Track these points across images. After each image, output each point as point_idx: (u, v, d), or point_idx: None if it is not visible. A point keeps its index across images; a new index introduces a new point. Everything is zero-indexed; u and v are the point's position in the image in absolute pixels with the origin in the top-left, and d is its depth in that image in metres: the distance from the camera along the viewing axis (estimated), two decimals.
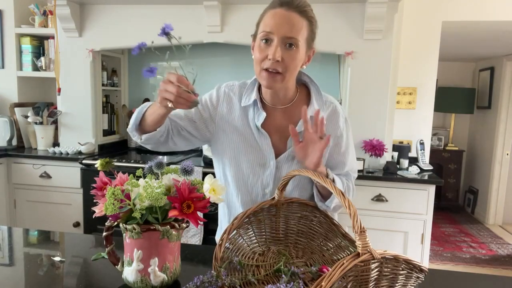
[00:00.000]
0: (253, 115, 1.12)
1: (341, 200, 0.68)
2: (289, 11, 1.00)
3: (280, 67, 1.01)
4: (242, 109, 1.14)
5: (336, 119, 1.15)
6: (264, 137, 1.11)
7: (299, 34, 1.01)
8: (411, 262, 0.69)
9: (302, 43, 1.02)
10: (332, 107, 1.16)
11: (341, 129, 1.15)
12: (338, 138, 1.15)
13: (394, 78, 2.63)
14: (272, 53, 0.99)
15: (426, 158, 2.77)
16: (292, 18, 1.00)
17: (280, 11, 1.01)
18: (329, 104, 1.15)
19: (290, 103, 1.13)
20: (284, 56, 1.00)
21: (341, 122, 1.15)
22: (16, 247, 1.13)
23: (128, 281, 0.84)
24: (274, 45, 1.00)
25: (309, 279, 0.86)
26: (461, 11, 2.80)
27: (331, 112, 1.15)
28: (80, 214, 2.66)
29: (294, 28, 1.00)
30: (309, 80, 1.17)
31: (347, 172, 1.19)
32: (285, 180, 0.97)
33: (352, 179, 1.21)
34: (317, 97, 1.14)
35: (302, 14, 1.01)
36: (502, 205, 4.62)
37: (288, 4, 1.01)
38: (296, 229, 1.05)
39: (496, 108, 4.55)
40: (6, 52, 3.01)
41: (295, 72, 1.06)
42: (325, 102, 1.15)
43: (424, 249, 2.37)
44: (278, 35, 1.00)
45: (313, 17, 1.05)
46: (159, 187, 0.79)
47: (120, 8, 2.72)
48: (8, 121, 2.90)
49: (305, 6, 1.03)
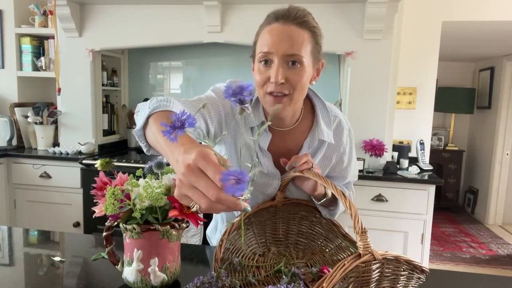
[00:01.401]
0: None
1: (342, 200, 0.68)
2: (287, 25, 0.90)
3: (286, 89, 0.91)
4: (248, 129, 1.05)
5: (340, 134, 1.09)
6: (267, 157, 1.04)
7: (301, 50, 0.90)
8: (412, 263, 0.68)
9: (307, 59, 0.92)
10: (337, 121, 1.09)
11: (344, 145, 1.10)
12: (341, 154, 1.10)
13: (394, 78, 2.63)
14: (274, 75, 0.89)
15: (426, 158, 2.77)
16: (291, 32, 0.90)
17: (277, 26, 0.91)
18: (334, 118, 1.09)
19: (296, 123, 1.05)
20: (288, 76, 0.90)
21: (344, 137, 1.10)
22: (16, 247, 1.13)
23: (128, 281, 0.84)
24: (275, 65, 0.90)
25: (310, 280, 0.86)
26: (461, 11, 2.80)
27: (336, 127, 1.09)
28: (80, 214, 2.66)
29: (295, 44, 0.90)
30: (312, 94, 1.08)
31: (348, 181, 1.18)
32: (285, 181, 0.97)
33: (351, 185, 1.20)
34: (323, 112, 1.06)
35: (303, 26, 0.91)
36: (502, 205, 4.62)
37: (284, 17, 0.91)
38: (297, 230, 1.05)
39: (496, 108, 4.55)
40: (6, 52, 3.00)
41: (303, 91, 0.96)
42: (330, 118, 1.08)
43: (424, 249, 2.37)
44: (278, 54, 0.90)
45: (316, 27, 0.94)
46: (159, 187, 0.79)
47: (120, 8, 2.72)
48: (8, 121, 2.90)
49: (304, 16, 0.92)
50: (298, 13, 0.92)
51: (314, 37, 0.93)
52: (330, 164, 1.11)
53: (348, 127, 1.13)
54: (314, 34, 0.93)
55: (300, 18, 0.91)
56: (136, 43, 2.73)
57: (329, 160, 1.10)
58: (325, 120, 1.06)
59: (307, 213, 1.05)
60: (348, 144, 1.12)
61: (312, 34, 0.93)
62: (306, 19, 0.92)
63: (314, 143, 1.05)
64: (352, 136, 1.15)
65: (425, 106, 2.91)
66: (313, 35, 0.93)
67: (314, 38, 0.93)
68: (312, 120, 1.06)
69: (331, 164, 1.11)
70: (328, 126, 1.06)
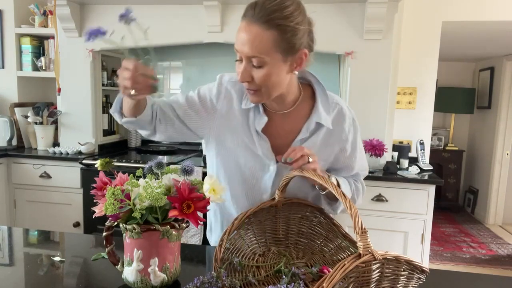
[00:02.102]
0: (254, 118, 1.05)
1: (342, 200, 0.68)
2: (252, 24, 0.88)
3: (253, 87, 0.94)
4: (243, 111, 1.06)
5: (341, 122, 1.08)
6: (264, 141, 1.05)
7: (263, 52, 0.88)
8: (412, 263, 0.68)
9: (271, 59, 0.90)
10: (338, 109, 1.08)
11: (347, 133, 1.08)
12: (343, 142, 1.09)
13: (394, 78, 2.63)
14: (240, 75, 0.92)
15: (426, 158, 2.77)
16: (254, 33, 0.88)
17: (243, 25, 0.90)
18: (334, 105, 1.08)
19: (293, 106, 1.06)
20: (254, 75, 0.92)
21: (346, 125, 1.08)
22: (16, 247, 1.13)
23: (128, 281, 0.84)
24: (242, 65, 0.92)
25: (310, 280, 0.86)
26: (461, 11, 2.80)
27: (336, 114, 1.08)
28: (80, 214, 2.66)
29: (254, 47, 0.88)
30: (314, 80, 1.08)
31: (356, 173, 1.16)
32: (286, 181, 0.97)
33: (361, 178, 1.18)
34: (323, 98, 1.06)
35: (267, 25, 0.87)
36: (502, 205, 4.62)
37: (251, 15, 0.89)
38: (297, 230, 1.05)
39: (496, 108, 4.55)
40: (6, 52, 3.00)
41: (278, 87, 0.96)
42: (330, 104, 1.07)
43: (424, 249, 2.37)
44: (243, 54, 0.90)
45: (284, 24, 0.88)
46: (159, 187, 0.79)
47: (120, 8, 2.69)
48: (8, 121, 2.90)
49: (272, 13, 0.87)
50: (265, 10, 0.88)
51: (282, 34, 0.89)
52: (333, 154, 1.09)
53: (352, 116, 1.12)
54: (281, 32, 0.88)
55: (266, 16, 0.87)
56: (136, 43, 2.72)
57: (331, 148, 1.09)
58: (324, 106, 1.05)
59: (307, 213, 1.05)
60: (351, 132, 1.10)
61: (279, 32, 0.88)
62: (273, 16, 0.87)
63: (312, 126, 1.05)
64: (357, 126, 1.12)
65: (425, 106, 2.91)
66: (281, 32, 0.88)
67: (283, 36, 0.89)
68: (312, 106, 1.06)
69: (333, 153, 1.09)
70: (328, 112, 1.06)
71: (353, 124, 1.11)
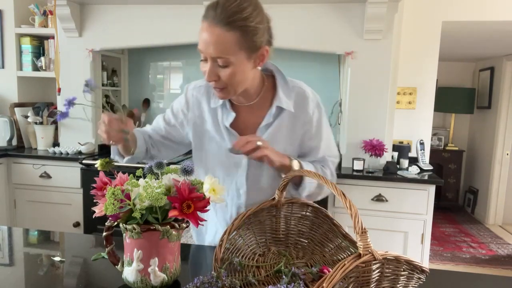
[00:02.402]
0: (222, 115, 1.11)
1: (342, 200, 0.68)
2: (213, 26, 0.91)
3: (220, 85, 0.98)
4: (212, 110, 1.12)
5: (304, 104, 1.11)
6: (233, 137, 1.09)
7: (227, 53, 0.92)
8: (412, 263, 0.68)
9: (236, 58, 0.94)
10: (299, 92, 1.12)
11: (311, 115, 1.11)
12: (306, 123, 1.11)
13: (394, 78, 2.63)
14: (206, 75, 0.96)
15: (426, 158, 2.77)
16: (217, 35, 0.91)
17: (205, 27, 0.92)
18: (297, 89, 1.12)
19: (257, 97, 1.10)
20: (220, 74, 0.95)
21: (310, 107, 1.11)
22: (16, 247, 1.13)
23: (128, 281, 0.84)
24: (208, 65, 0.95)
25: (310, 280, 0.86)
26: (461, 11, 2.80)
27: (298, 98, 1.11)
28: (80, 214, 2.66)
29: (219, 48, 0.91)
30: (275, 69, 1.13)
31: (323, 158, 1.15)
32: (285, 181, 0.97)
33: (329, 164, 1.16)
34: (283, 85, 1.10)
35: (229, 27, 0.90)
36: (502, 205, 4.62)
37: (212, 16, 0.91)
38: (297, 230, 1.05)
39: (496, 108, 4.55)
40: (6, 52, 3.00)
41: (243, 83, 1.01)
42: (292, 89, 1.11)
43: (424, 249, 2.37)
44: (207, 55, 0.94)
45: (246, 24, 0.91)
46: (159, 187, 0.79)
47: (120, 8, 2.71)
48: (8, 121, 2.90)
49: (232, 15, 0.90)
50: (226, 11, 0.90)
51: (246, 35, 0.92)
52: (299, 137, 1.12)
53: (317, 100, 1.14)
54: (244, 32, 0.92)
55: (227, 18, 0.90)
56: (136, 43, 2.73)
57: (294, 131, 1.11)
58: (284, 91, 1.10)
59: (307, 213, 1.05)
60: (315, 114, 1.12)
61: (242, 32, 0.91)
62: (235, 17, 0.90)
63: (273, 111, 1.09)
64: (321, 109, 1.14)
65: (425, 106, 2.91)
66: (242, 33, 0.92)
67: (245, 37, 0.92)
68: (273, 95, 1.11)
69: (299, 136, 1.12)
70: (288, 96, 1.09)
71: (317, 107, 1.13)
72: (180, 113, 1.17)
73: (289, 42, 2.55)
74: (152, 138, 1.18)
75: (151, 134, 1.19)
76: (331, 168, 1.17)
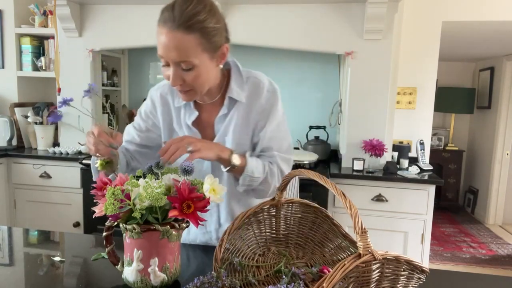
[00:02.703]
0: (185, 114, 1.12)
1: (342, 200, 0.68)
2: (173, 31, 0.90)
3: (186, 87, 0.99)
4: (176, 109, 1.14)
5: (258, 94, 1.10)
6: (193, 133, 1.11)
7: (190, 56, 0.92)
8: (412, 263, 0.68)
9: (200, 59, 0.94)
10: (253, 82, 1.11)
11: (263, 104, 1.10)
12: (259, 113, 1.10)
13: (394, 78, 2.63)
14: (171, 80, 0.96)
15: (426, 158, 2.77)
16: (178, 40, 0.90)
17: (165, 32, 0.91)
18: (252, 80, 1.11)
19: (219, 94, 1.11)
20: (185, 78, 0.96)
21: (263, 97, 1.10)
22: (16, 247, 1.13)
23: (128, 281, 0.84)
24: (171, 70, 0.95)
25: (310, 280, 0.86)
26: (461, 11, 2.80)
27: (252, 88, 1.10)
28: (80, 214, 2.66)
29: (182, 52, 0.91)
30: (231, 63, 1.12)
31: (271, 152, 1.11)
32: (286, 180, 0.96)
33: (278, 160, 1.11)
34: (237, 77, 1.10)
35: (190, 30, 0.90)
36: (502, 205, 4.62)
37: (171, 21, 0.90)
38: (297, 230, 1.05)
39: (496, 108, 4.55)
40: (6, 52, 3.00)
41: (207, 83, 1.02)
42: (246, 80, 1.10)
43: (424, 249, 2.37)
44: (170, 60, 0.94)
45: (204, 26, 0.92)
46: (159, 187, 0.79)
47: (120, 8, 2.71)
48: (8, 121, 2.90)
49: (190, 19, 0.90)
50: (184, 16, 0.90)
51: (205, 36, 0.93)
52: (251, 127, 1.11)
53: (273, 90, 1.12)
54: (204, 34, 0.93)
55: (186, 22, 0.90)
56: (136, 43, 2.73)
57: (248, 121, 1.11)
58: (237, 82, 1.10)
59: (307, 213, 1.05)
60: (268, 104, 1.11)
61: (202, 34, 0.92)
62: (193, 21, 0.90)
63: (227, 102, 1.09)
64: (277, 100, 1.12)
65: (425, 106, 2.91)
66: (203, 35, 0.92)
67: (205, 37, 0.93)
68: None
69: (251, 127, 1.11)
70: (241, 87, 1.10)
71: (272, 97, 1.11)
72: (150, 116, 1.18)
73: (289, 42, 2.55)
74: (129, 151, 1.18)
75: (126, 147, 1.18)
76: (280, 165, 1.11)
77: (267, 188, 1.11)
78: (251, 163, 1.05)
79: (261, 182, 1.08)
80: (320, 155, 2.72)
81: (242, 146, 1.11)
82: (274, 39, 2.55)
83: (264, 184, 1.09)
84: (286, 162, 1.13)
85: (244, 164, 1.04)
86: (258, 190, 1.11)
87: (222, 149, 1.03)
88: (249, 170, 1.04)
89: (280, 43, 2.57)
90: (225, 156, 1.01)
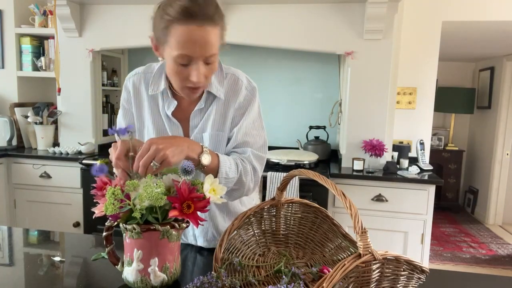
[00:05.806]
0: (163, 103, 1.08)
1: (342, 200, 0.68)
2: (203, 26, 0.89)
3: (204, 82, 0.97)
4: (151, 98, 1.10)
5: (236, 90, 1.09)
6: (175, 126, 1.08)
7: (216, 48, 0.94)
8: (412, 263, 0.68)
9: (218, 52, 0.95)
10: (232, 79, 1.10)
11: (241, 101, 1.10)
12: (236, 110, 1.10)
13: (394, 78, 2.63)
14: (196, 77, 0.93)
15: (426, 158, 2.77)
16: (208, 34, 0.90)
17: (194, 29, 0.88)
18: (230, 76, 1.10)
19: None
20: (206, 73, 0.95)
21: (242, 94, 1.10)
22: (16, 247, 1.13)
23: (128, 281, 0.84)
24: (197, 68, 0.92)
25: (310, 280, 0.86)
26: (461, 11, 2.80)
27: (231, 85, 1.10)
28: (80, 214, 2.66)
29: (211, 46, 0.91)
30: None
31: (244, 148, 1.09)
32: (286, 180, 0.96)
33: (251, 157, 1.08)
34: (218, 72, 1.09)
35: (215, 21, 0.91)
36: (502, 205, 4.62)
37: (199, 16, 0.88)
38: (297, 230, 1.05)
39: (496, 108, 4.55)
40: (6, 52, 3.00)
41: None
42: (225, 76, 1.10)
43: (424, 249, 2.37)
44: (199, 58, 0.92)
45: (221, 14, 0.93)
46: (159, 187, 0.79)
47: (120, 8, 2.71)
48: (8, 121, 2.90)
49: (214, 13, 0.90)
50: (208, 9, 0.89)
51: (223, 27, 0.95)
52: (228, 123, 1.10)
53: (251, 88, 1.12)
54: (222, 25, 0.95)
55: (211, 14, 0.90)
56: (136, 43, 2.73)
57: (225, 117, 1.09)
58: (217, 77, 1.09)
59: (307, 213, 1.05)
60: (245, 102, 1.10)
61: (221, 25, 0.94)
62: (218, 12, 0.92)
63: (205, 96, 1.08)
64: (254, 97, 1.11)
65: (425, 106, 2.91)
66: (222, 26, 0.94)
67: (223, 29, 0.95)
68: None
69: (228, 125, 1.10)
70: (220, 83, 1.09)
71: (250, 95, 1.11)
72: (128, 105, 1.15)
73: (289, 42, 2.55)
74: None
75: None
76: (253, 163, 1.08)
77: (242, 187, 1.07)
78: (224, 163, 0.99)
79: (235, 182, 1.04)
80: (320, 155, 2.72)
81: (220, 144, 1.09)
82: (274, 39, 2.55)
83: (238, 183, 1.05)
84: (260, 160, 1.10)
85: (216, 164, 0.98)
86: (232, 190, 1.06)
87: (192, 147, 0.94)
88: (223, 172, 0.99)
89: (280, 43, 2.57)
90: (194, 155, 0.94)
